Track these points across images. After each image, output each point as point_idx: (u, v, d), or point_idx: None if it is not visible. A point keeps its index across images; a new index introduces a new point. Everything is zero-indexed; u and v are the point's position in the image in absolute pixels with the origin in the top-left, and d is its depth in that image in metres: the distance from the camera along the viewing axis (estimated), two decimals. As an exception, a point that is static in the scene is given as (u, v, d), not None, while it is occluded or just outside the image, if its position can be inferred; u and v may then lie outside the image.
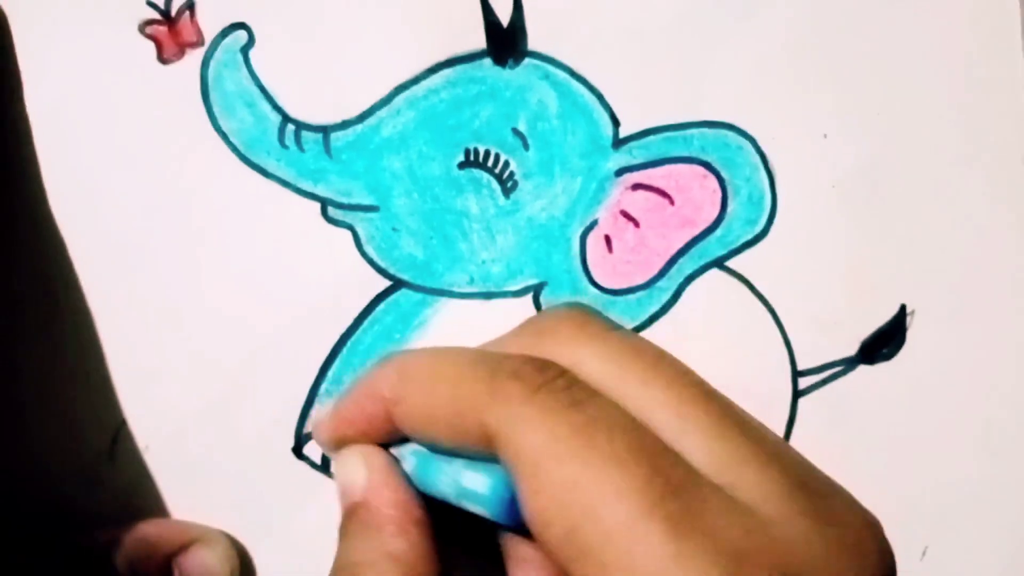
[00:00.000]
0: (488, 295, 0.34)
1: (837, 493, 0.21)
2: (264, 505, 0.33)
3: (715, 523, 0.18)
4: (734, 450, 0.20)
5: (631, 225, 0.34)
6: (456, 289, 0.34)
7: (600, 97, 0.34)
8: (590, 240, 0.34)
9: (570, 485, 0.19)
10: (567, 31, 0.34)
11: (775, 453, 0.20)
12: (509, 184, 0.34)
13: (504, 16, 0.33)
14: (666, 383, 0.21)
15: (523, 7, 0.33)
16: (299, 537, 0.34)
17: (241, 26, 0.33)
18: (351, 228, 0.33)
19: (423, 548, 0.22)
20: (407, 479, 0.23)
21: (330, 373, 0.33)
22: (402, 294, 0.34)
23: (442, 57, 0.33)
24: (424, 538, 0.22)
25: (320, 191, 0.33)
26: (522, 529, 0.20)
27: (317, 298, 0.33)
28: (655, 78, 0.34)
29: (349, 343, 0.33)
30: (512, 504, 0.20)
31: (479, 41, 0.33)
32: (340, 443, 0.25)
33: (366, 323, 0.34)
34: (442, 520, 0.23)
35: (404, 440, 0.24)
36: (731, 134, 0.34)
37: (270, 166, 0.33)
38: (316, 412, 0.30)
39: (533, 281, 0.34)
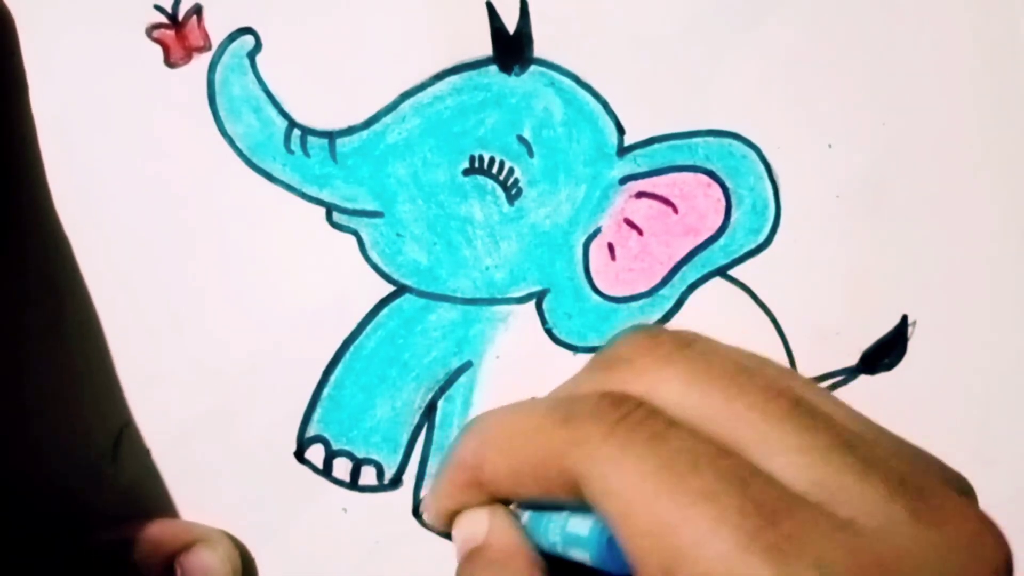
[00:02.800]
0: (491, 301, 0.34)
1: (943, 489, 0.20)
2: (265, 508, 0.34)
3: (818, 546, 0.18)
4: (827, 463, 0.19)
5: (634, 233, 0.34)
6: (459, 295, 0.34)
7: (605, 105, 0.34)
8: (593, 248, 0.34)
9: (662, 526, 0.18)
10: (573, 39, 0.34)
11: (871, 457, 0.20)
12: (513, 191, 0.34)
13: (510, 23, 0.33)
14: (750, 400, 0.20)
15: (529, 14, 0.34)
16: (300, 539, 0.34)
17: (248, 31, 0.33)
18: (356, 233, 0.34)
19: None
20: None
21: (333, 377, 0.34)
22: (405, 299, 0.34)
23: (448, 64, 0.33)
24: None
25: (325, 196, 0.33)
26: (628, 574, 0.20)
27: (321, 303, 0.33)
28: (660, 86, 0.34)
29: (352, 348, 0.34)
30: (613, 548, 0.20)
31: (485, 48, 0.33)
32: (448, 517, 0.25)
33: (369, 328, 0.34)
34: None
35: (509, 501, 0.24)
36: (736, 143, 0.34)
37: (275, 171, 0.33)
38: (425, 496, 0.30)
39: (536, 288, 0.34)
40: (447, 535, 0.25)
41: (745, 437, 0.20)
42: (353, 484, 0.34)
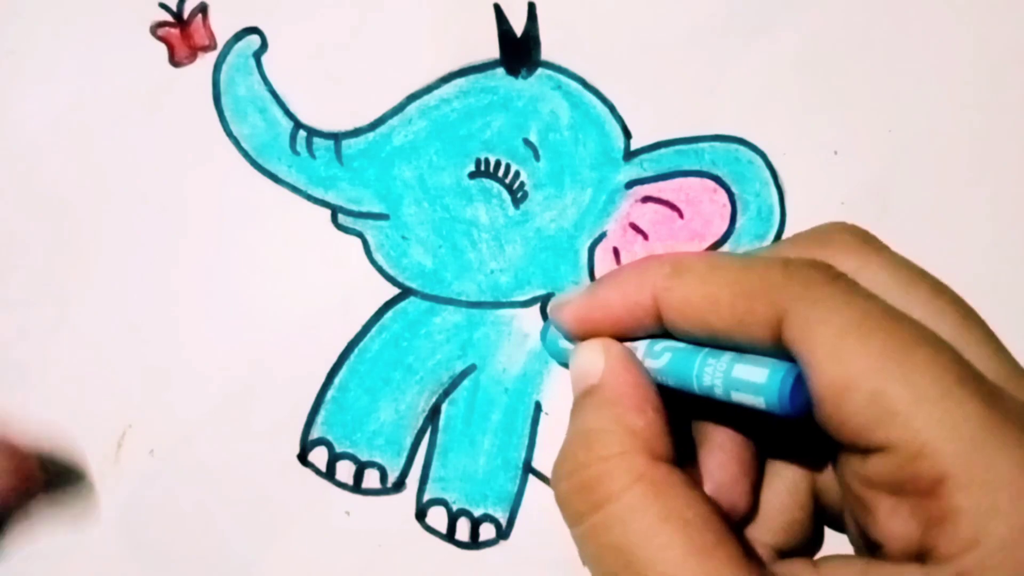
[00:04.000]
0: (496, 305, 0.34)
1: None
2: (268, 510, 0.34)
3: (1017, 410, 0.19)
4: (1015, 368, 0.20)
5: (640, 238, 0.34)
6: (464, 298, 0.34)
7: (612, 109, 0.34)
8: (598, 252, 0.34)
9: (878, 355, 0.19)
10: (581, 42, 0.34)
11: None
12: (519, 194, 0.34)
13: (518, 26, 0.33)
14: (952, 298, 0.21)
15: (537, 17, 0.33)
16: (303, 542, 0.34)
17: (254, 31, 0.33)
18: (361, 236, 0.33)
19: (659, 427, 0.22)
20: (651, 371, 0.23)
21: (337, 380, 0.34)
22: (410, 302, 0.34)
23: (455, 66, 0.33)
24: (660, 420, 0.22)
25: (331, 198, 0.33)
26: (792, 419, 0.20)
27: (325, 305, 0.33)
28: (667, 91, 0.34)
29: (357, 350, 0.34)
30: (791, 393, 0.20)
31: (492, 51, 0.33)
32: (585, 330, 0.24)
33: (374, 330, 0.34)
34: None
35: (651, 339, 0.24)
36: (742, 149, 0.34)
37: (281, 172, 0.33)
38: (559, 297, 0.27)
39: (541, 292, 0.34)
40: (561, 361, 0.24)
41: (946, 327, 0.20)
42: (356, 487, 0.34)
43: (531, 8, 0.33)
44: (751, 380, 0.21)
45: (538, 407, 0.34)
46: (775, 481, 0.24)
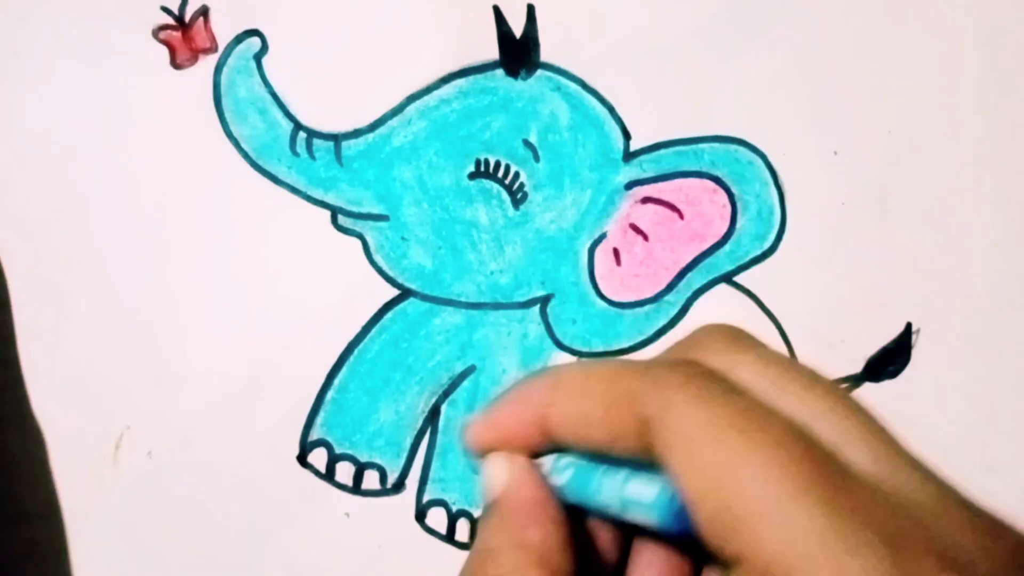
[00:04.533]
0: (496, 306, 0.34)
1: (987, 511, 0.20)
2: (267, 512, 0.33)
3: (872, 509, 0.18)
4: (895, 458, 0.20)
5: (640, 238, 0.34)
6: (464, 299, 0.34)
7: (611, 110, 0.34)
8: (598, 253, 0.34)
9: (725, 462, 0.18)
10: (580, 44, 0.34)
11: (930, 470, 0.20)
12: (519, 195, 0.34)
13: (517, 28, 0.33)
14: (824, 391, 0.20)
15: (536, 19, 0.33)
16: (302, 544, 0.34)
17: (255, 33, 0.33)
18: (360, 237, 0.33)
19: (557, 541, 0.22)
20: (554, 487, 0.23)
21: (337, 380, 0.33)
22: (410, 303, 0.34)
23: (454, 67, 0.33)
24: (559, 533, 0.22)
25: (330, 199, 0.33)
26: (688, 537, 0.19)
27: (325, 306, 0.33)
28: (667, 92, 0.34)
29: (356, 351, 0.33)
30: (680, 511, 0.19)
31: (492, 52, 0.33)
32: (488, 449, 0.24)
33: (374, 331, 0.34)
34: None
35: (556, 453, 0.24)
36: (742, 149, 0.34)
37: (281, 173, 0.33)
38: (470, 417, 0.28)
39: (540, 293, 0.34)
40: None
41: (819, 425, 0.20)
42: (356, 488, 0.34)
43: (530, 10, 0.33)
44: (642, 498, 0.20)
45: (538, 408, 0.34)
46: None
